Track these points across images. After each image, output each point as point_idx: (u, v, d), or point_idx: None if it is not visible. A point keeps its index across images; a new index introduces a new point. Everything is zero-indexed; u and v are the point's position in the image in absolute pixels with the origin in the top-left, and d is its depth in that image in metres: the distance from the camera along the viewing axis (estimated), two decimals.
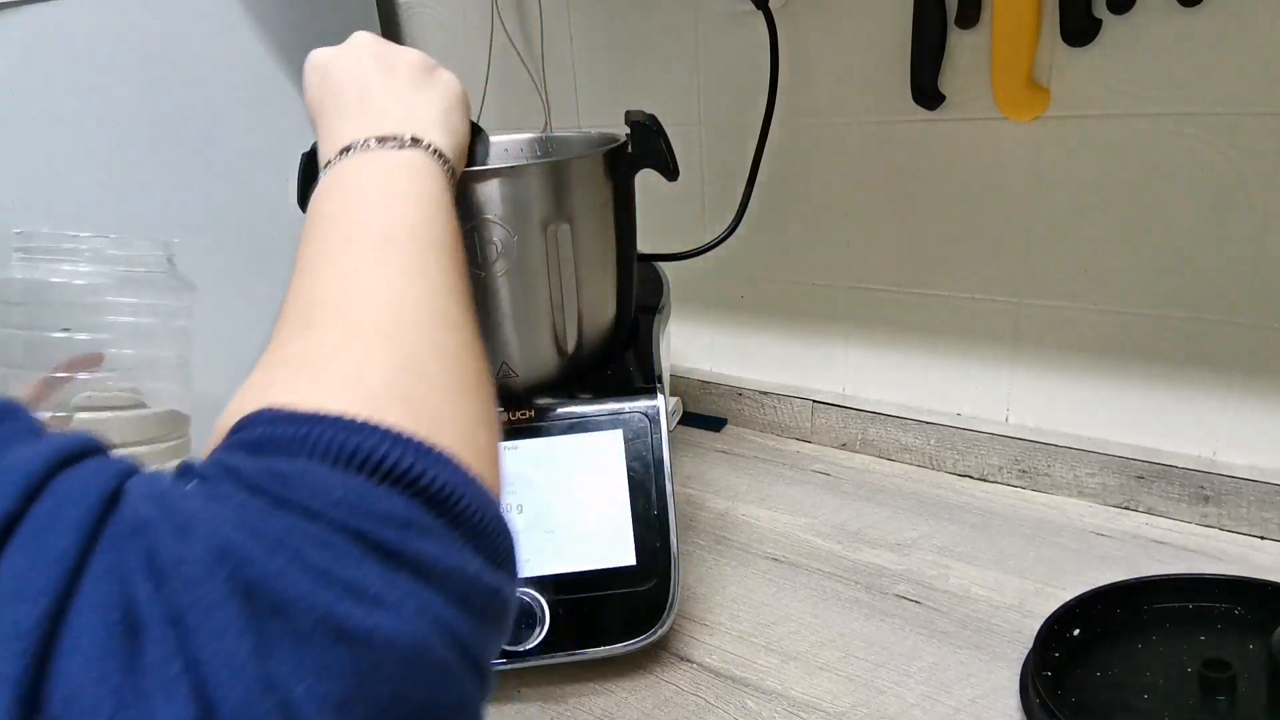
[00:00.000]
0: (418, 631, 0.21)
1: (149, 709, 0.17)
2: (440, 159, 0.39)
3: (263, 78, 0.92)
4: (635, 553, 0.60)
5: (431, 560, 0.22)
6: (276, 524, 0.20)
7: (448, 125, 0.42)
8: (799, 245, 0.88)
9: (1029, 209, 0.74)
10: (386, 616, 0.20)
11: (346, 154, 0.37)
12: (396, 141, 0.38)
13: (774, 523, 0.78)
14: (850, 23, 0.77)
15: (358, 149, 0.37)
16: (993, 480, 0.82)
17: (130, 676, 0.17)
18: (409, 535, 0.22)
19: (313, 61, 0.44)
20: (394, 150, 0.37)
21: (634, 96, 0.93)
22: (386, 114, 0.39)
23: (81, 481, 0.20)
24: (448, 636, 0.21)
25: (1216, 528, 0.71)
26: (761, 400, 0.94)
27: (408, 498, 0.23)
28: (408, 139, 0.38)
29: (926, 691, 0.57)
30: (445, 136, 0.41)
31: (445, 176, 0.39)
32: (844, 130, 0.81)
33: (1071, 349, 0.76)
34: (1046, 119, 0.70)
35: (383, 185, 0.35)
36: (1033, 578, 0.67)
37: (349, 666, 0.19)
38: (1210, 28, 0.62)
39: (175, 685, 0.17)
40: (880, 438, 0.87)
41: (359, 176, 0.36)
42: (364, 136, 0.37)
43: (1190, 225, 0.67)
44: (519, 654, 0.58)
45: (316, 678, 0.18)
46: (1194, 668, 0.54)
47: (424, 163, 0.37)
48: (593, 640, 0.59)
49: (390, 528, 0.21)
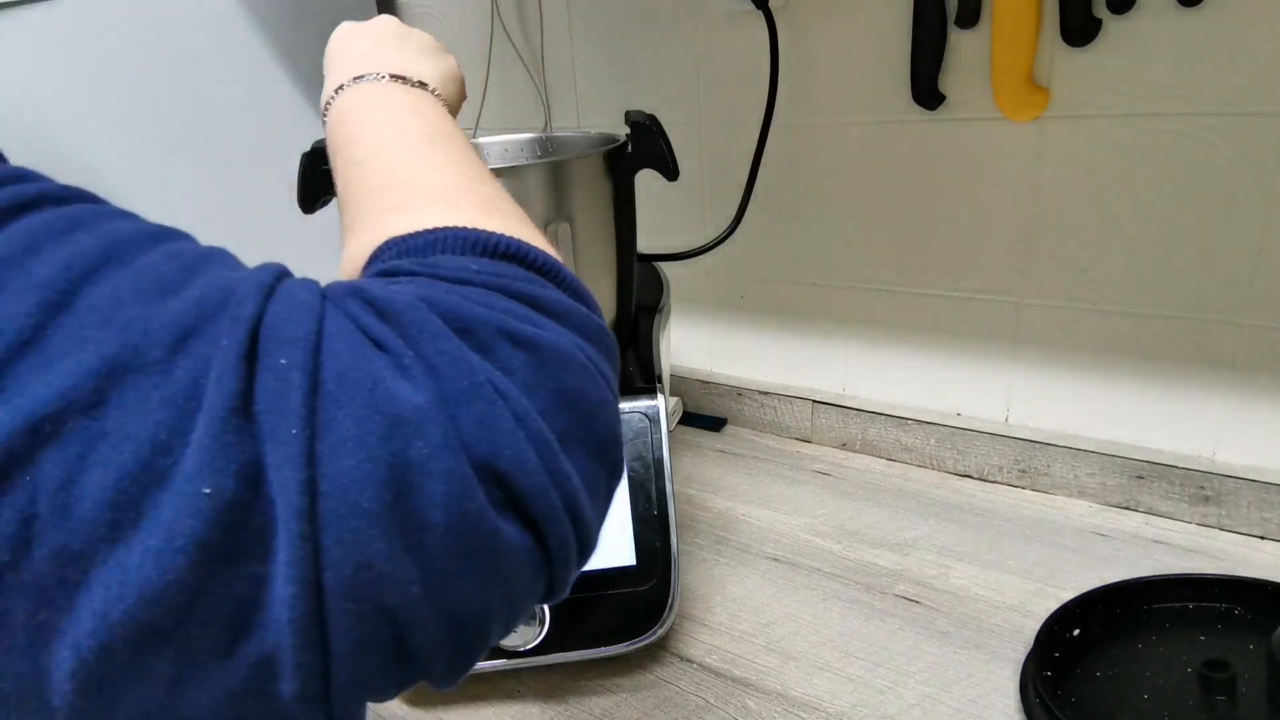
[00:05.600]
0: (563, 343, 0.27)
1: (400, 384, 0.23)
2: (446, 107, 0.41)
3: (263, 78, 0.92)
4: (635, 553, 0.60)
5: (554, 303, 0.28)
6: (443, 286, 0.26)
7: (447, 90, 0.45)
8: (799, 245, 0.88)
9: (1029, 209, 0.74)
10: (540, 332, 0.26)
11: (360, 81, 0.39)
12: (407, 82, 0.40)
13: (774, 523, 0.78)
14: (850, 23, 0.77)
15: (371, 79, 0.39)
16: (993, 480, 0.82)
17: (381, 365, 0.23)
18: (534, 288, 0.28)
19: (337, 30, 0.48)
20: (406, 86, 0.40)
21: (634, 96, 0.93)
22: (396, 66, 0.42)
23: (300, 281, 0.26)
24: (581, 352, 0.28)
25: (1216, 528, 0.71)
26: (761, 400, 0.94)
27: (524, 269, 0.29)
28: (416, 82, 0.40)
29: (926, 691, 0.57)
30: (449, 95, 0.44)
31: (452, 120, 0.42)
32: (844, 130, 0.81)
33: (1071, 349, 0.76)
34: (1046, 119, 0.70)
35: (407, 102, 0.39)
36: (1033, 578, 0.67)
37: (525, 363, 0.25)
38: (1210, 28, 0.62)
39: (415, 369, 0.23)
40: (880, 438, 0.87)
41: (384, 95, 0.39)
42: (378, 72, 0.40)
43: (1190, 225, 0.67)
44: (519, 654, 0.58)
45: (505, 371, 0.25)
46: (1194, 668, 0.54)
47: (434, 101, 0.40)
48: (593, 640, 0.59)
49: (519, 283, 0.28)
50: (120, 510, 0.20)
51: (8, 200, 0.22)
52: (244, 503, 0.21)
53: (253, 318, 0.23)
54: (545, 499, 0.25)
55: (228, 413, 0.21)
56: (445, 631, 0.24)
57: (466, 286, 0.27)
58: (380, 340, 0.24)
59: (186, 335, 0.21)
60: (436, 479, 0.22)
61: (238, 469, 0.21)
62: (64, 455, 0.20)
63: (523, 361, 0.25)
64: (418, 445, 0.22)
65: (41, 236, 0.22)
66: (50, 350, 0.20)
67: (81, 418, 0.20)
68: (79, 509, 0.20)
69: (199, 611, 0.21)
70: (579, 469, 0.26)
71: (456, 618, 0.24)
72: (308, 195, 0.61)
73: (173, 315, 0.22)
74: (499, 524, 0.24)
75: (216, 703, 0.22)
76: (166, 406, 0.21)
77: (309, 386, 0.22)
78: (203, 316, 0.22)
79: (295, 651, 0.21)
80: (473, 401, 0.24)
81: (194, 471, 0.20)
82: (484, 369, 0.24)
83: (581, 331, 0.28)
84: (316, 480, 0.21)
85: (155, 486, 0.20)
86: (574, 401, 0.26)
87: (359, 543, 0.21)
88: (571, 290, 0.30)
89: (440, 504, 0.22)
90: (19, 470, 0.19)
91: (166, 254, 0.24)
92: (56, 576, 0.20)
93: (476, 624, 0.25)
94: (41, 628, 0.20)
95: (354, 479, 0.21)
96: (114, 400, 0.20)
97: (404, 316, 0.24)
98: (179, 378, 0.21)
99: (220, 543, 0.20)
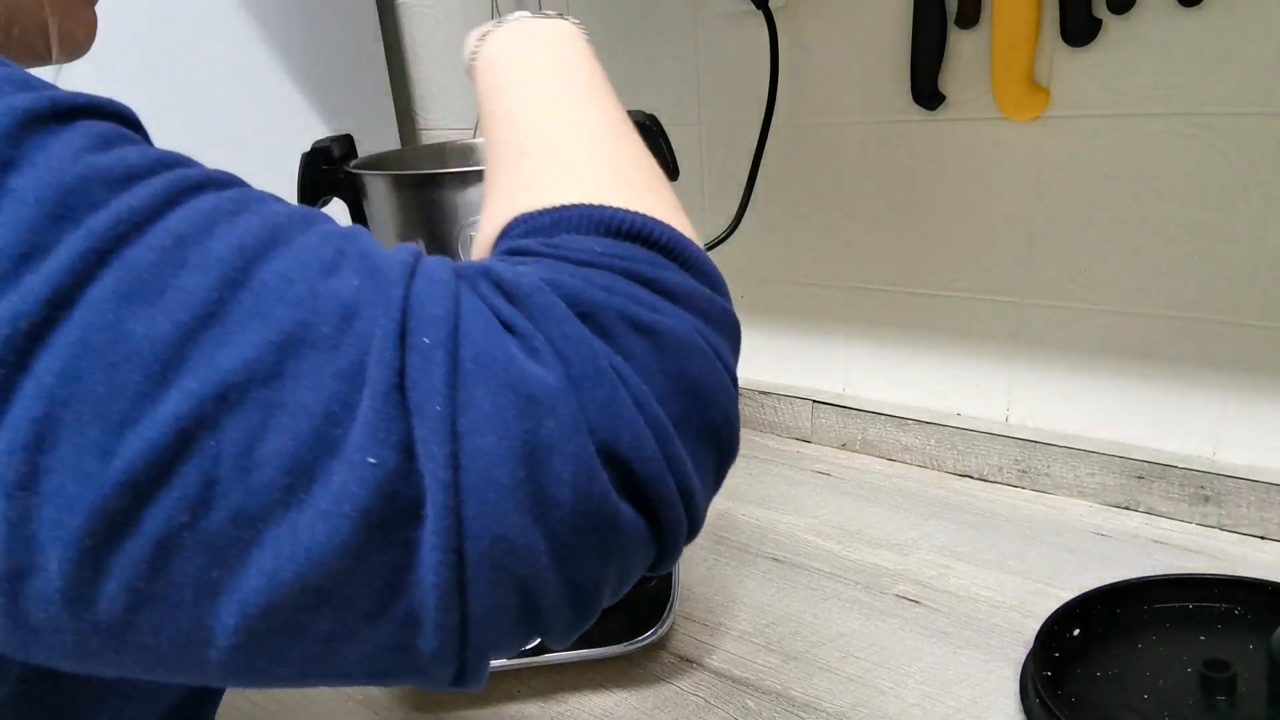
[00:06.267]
0: (682, 328, 0.27)
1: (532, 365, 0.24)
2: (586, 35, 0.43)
3: (263, 78, 0.92)
4: None
5: (676, 286, 0.28)
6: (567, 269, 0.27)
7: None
8: (799, 245, 0.88)
9: (1029, 209, 0.74)
10: (661, 317, 0.27)
11: (503, 24, 0.41)
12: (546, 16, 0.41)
13: (774, 523, 0.78)
14: (850, 23, 0.77)
15: (513, 19, 0.41)
16: (993, 480, 0.82)
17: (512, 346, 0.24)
18: (658, 270, 0.28)
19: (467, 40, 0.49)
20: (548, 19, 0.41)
21: (634, 96, 0.93)
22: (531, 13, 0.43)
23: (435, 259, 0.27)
24: (700, 336, 0.28)
25: (1216, 528, 0.71)
26: (761, 400, 0.94)
27: (646, 249, 0.29)
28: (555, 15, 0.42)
29: (926, 692, 0.57)
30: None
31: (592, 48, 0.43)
32: (844, 130, 0.81)
33: (1071, 349, 0.76)
34: (1046, 119, 0.70)
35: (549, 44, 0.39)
36: (1033, 578, 0.67)
37: (645, 348, 0.26)
38: (1210, 28, 0.62)
39: (544, 352, 0.24)
40: (880, 438, 0.87)
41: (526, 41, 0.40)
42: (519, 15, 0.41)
43: (1190, 225, 0.67)
44: (519, 654, 0.58)
45: (626, 356, 0.26)
46: (1194, 668, 0.54)
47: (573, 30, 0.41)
48: (593, 640, 0.59)
49: (642, 265, 0.28)
50: (295, 476, 0.21)
51: (180, 182, 0.24)
52: (401, 473, 0.22)
53: (402, 298, 0.24)
54: (661, 484, 0.26)
55: (388, 388, 0.22)
56: (567, 599, 0.25)
57: (590, 269, 0.27)
58: (509, 322, 0.25)
59: (350, 314, 0.23)
60: (565, 459, 0.24)
61: (397, 441, 0.22)
62: (246, 422, 0.21)
63: (643, 347, 0.26)
64: (549, 425, 0.23)
65: (215, 217, 0.23)
66: (231, 324, 0.22)
67: (262, 388, 0.21)
68: (258, 473, 0.21)
69: (357, 574, 0.22)
70: (692, 454, 0.27)
71: (576, 587, 0.25)
72: (308, 195, 0.61)
73: (336, 294, 0.23)
74: (619, 506, 0.25)
75: (364, 658, 0.24)
76: (338, 381, 0.22)
77: (450, 365, 0.23)
78: (361, 296, 0.23)
79: (438, 613, 0.23)
80: (597, 386, 0.24)
81: (360, 443, 0.22)
82: (606, 354, 0.25)
83: (703, 315, 0.29)
84: (459, 455, 0.22)
85: (327, 455, 0.22)
86: (691, 388, 0.27)
87: (496, 515, 0.23)
88: (695, 269, 0.30)
89: (568, 483, 0.24)
90: (206, 435, 0.21)
91: (320, 235, 0.25)
92: (232, 537, 0.21)
93: (593, 592, 0.26)
94: (211, 585, 0.21)
95: (492, 454, 0.23)
96: (291, 372, 0.22)
97: (531, 300, 0.25)
98: (346, 354, 0.22)
99: (380, 510, 0.22)
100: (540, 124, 0.35)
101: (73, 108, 0.24)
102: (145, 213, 0.22)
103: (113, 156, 0.23)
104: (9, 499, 0.20)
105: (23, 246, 0.21)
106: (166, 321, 0.21)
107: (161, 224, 0.22)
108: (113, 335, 0.21)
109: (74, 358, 0.20)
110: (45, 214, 0.21)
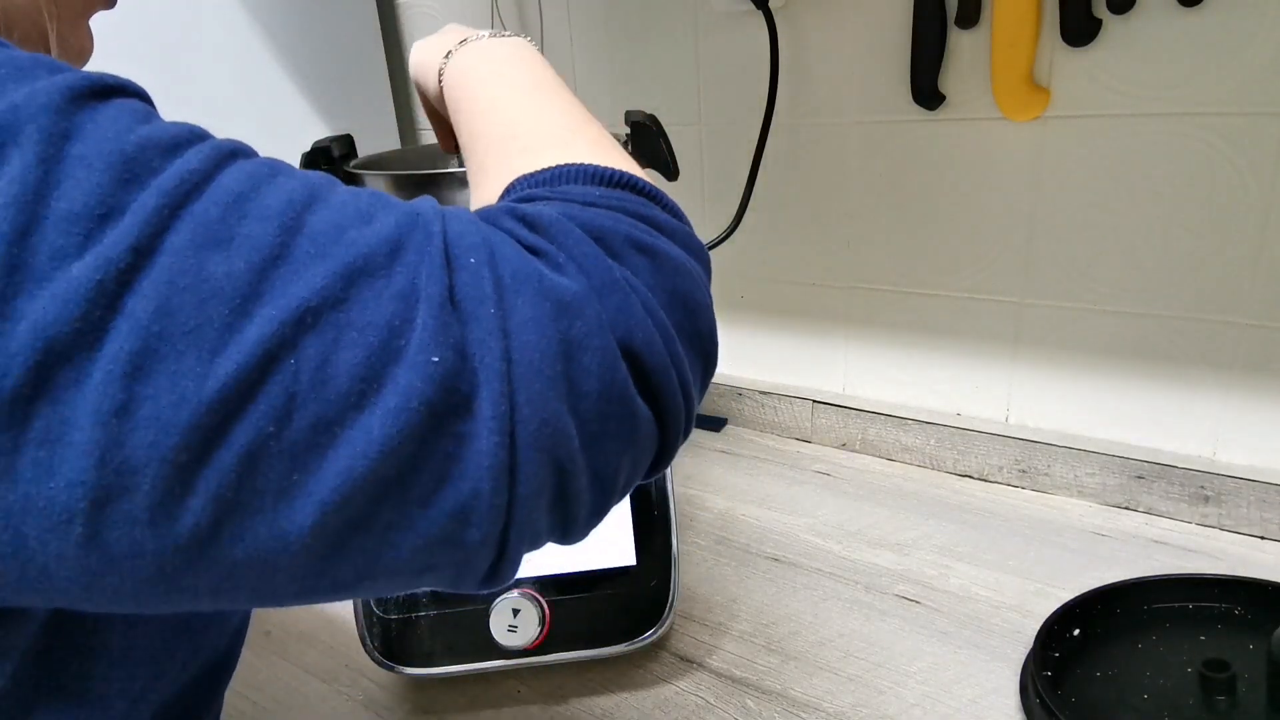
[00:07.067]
0: (675, 252, 0.32)
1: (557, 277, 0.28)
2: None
3: (263, 78, 0.92)
4: (635, 553, 0.60)
5: (664, 223, 0.33)
6: (576, 206, 0.31)
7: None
8: (799, 245, 0.88)
9: (1029, 209, 0.74)
10: (659, 241, 0.31)
11: (464, 44, 0.45)
12: (503, 35, 0.46)
13: (774, 523, 0.78)
14: (850, 23, 0.77)
15: (474, 40, 0.45)
16: (993, 480, 0.82)
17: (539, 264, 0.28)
18: (648, 209, 0.33)
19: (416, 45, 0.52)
20: (502, 38, 0.45)
21: (634, 96, 0.93)
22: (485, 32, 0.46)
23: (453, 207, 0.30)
24: (689, 263, 0.33)
25: (1216, 528, 0.71)
26: (761, 400, 0.94)
27: (634, 194, 0.34)
28: (508, 34, 0.46)
29: (926, 691, 0.57)
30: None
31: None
32: (844, 130, 0.81)
33: (1071, 349, 0.76)
34: (1046, 119, 0.70)
35: (509, 53, 0.44)
36: (1033, 578, 0.67)
37: (648, 266, 0.31)
38: (1210, 28, 0.62)
39: (568, 267, 0.28)
40: (880, 438, 0.87)
41: (490, 51, 0.44)
42: (478, 35, 0.45)
43: (1190, 225, 0.67)
44: (519, 654, 0.58)
45: (633, 271, 0.30)
46: (1194, 668, 0.54)
47: (529, 46, 0.45)
48: (593, 640, 0.59)
49: (636, 205, 0.33)
50: (366, 382, 0.25)
51: (220, 148, 0.27)
52: (458, 370, 0.25)
53: (441, 232, 0.28)
54: (667, 377, 0.30)
55: (442, 300, 0.26)
56: (591, 483, 0.29)
57: (594, 208, 0.31)
58: (534, 246, 0.29)
59: (397, 248, 0.27)
60: (593, 353, 0.28)
61: (454, 343, 0.26)
62: (321, 341, 0.24)
63: (646, 265, 0.31)
64: (578, 325, 0.27)
65: (257, 178, 0.27)
66: (295, 262, 0.25)
67: (333, 311, 0.25)
68: (334, 383, 0.24)
69: (420, 461, 0.25)
70: (687, 355, 0.31)
71: (599, 473, 0.29)
72: None
73: (382, 233, 0.27)
74: (635, 397, 0.29)
75: (415, 549, 0.26)
76: (396, 300, 0.26)
77: (494, 279, 0.27)
78: (405, 233, 0.27)
79: (491, 494, 0.26)
80: (614, 293, 0.29)
81: (421, 346, 0.25)
82: (618, 268, 0.29)
83: (685, 246, 0.33)
84: (510, 350, 0.26)
85: (392, 362, 0.25)
86: (684, 301, 0.31)
87: (542, 401, 0.26)
88: (674, 213, 0.35)
89: (595, 374, 0.28)
90: (286, 354, 0.24)
91: (348, 192, 0.29)
92: (311, 441, 0.24)
93: (612, 479, 0.30)
94: (291, 488, 0.24)
95: (536, 349, 0.26)
96: (355, 298, 0.25)
97: (552, 228, 0.29)
98: (400, 279, 0.26)
99: (442, 402, 0.25)
100: (520, 112, 0.39)
101: (105, 86, 0.26)
102: (201, 174, 0.25)
103: (157, 128, 0.26)
104: (103, 427, 0.22)
105: (101, 207, 0.23)
106: (241, 262, 0.24)
107: (216, 183, 0.25)
108: (196, 276, 0.24)
109: (165, 297, 0.23)
110: (115, 178, 0.24)
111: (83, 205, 0.23)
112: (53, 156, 0.23)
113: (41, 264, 0.22)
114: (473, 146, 0.40)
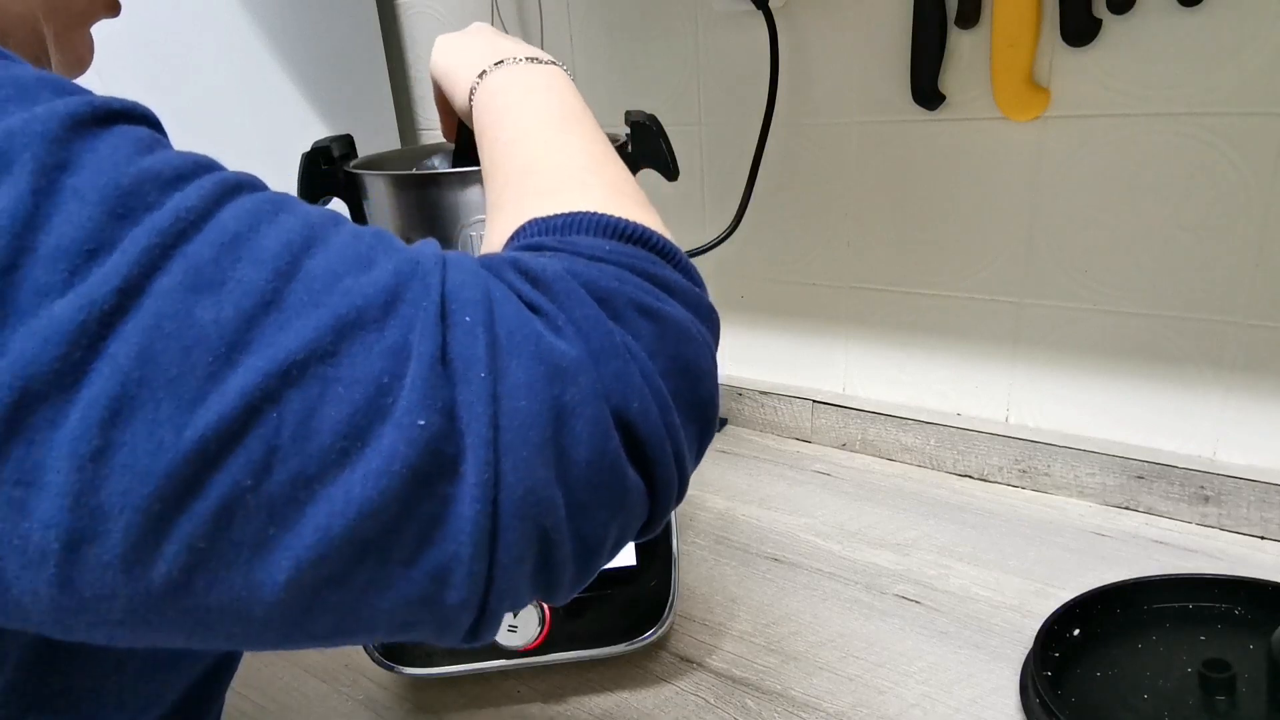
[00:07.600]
0: (680, 317, 0.31)
1: (555, 340, 0.27)
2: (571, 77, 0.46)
3: (263, 78, 0.92)
4: (635, 553, 0.60)
5: (673, 283, 0.32)
6: (583, 262, 0.30)
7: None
8: (799, 245, 0.88)
9: (1029, 209, 0.74)
10: (665, 306, 0.31)
11: (501, 65, 0.45)
12: (539, 61, 0.46)
13: (774, 523, 0.78)
14: (850, 23, 0.77)
15: (510, 62, 0.45)
16: (993, 480, 0.82)
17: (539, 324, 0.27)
18: (656, 268, 0.32)
19: (440, 40, 0.53)
20: (539, 65, 0.45)
21: (634, 96, 0.93)
22: (521, 49, 0.47)
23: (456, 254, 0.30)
24: (694, 326, 0.32)
25: (1216, 528, 0.71)
26: (761, 400, 0.94)
27: (646, 250, 0.33)
28: (545, 60, 0.46)
29: (926, 691, 0.57)
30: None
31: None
32: (844, 130, 0.81)
33: (1071, 349, 0.76)
34: (1046, 119, 0.70)
35: (544, 81, 0.44)
36: (1033, 578, 0.67)
37: (650, 331, 0.30)
38: (1210, 28, 0.62)
39: (567, 329, 0.28)
40: (880, 438, 0.87)
41: (525, 78, 0.44)
42: (514, 56, 0.45)
43: (1190, 225, 0.67)
44: (519, 654, 0.58)
45: (634, 336, 0.29)
46: (1194, 668, 0.54)
47: (563, 75, 0.45)
48: (593, 640, 0.59)
49: (645, 263, 0.32)
50: (350, 440, 0.24)
51: (222, 183, 0.26)
52: (445, 433, 0.25)
53: (440, 284, 0.27)
54: (660, 448, 0.29)
55: (433, 359, 0.25)
56: (576, 551, 0.28)
57: (601, 264, 0.31)
58: (534, 304, 0.28)
59: (393, 300, 0.26)
60: (585, 421, 0.27)
61: (442, 406, 0.25)
62: (306, 395, 0.24)
63: (649, 330, 0.30)
64: (572, 391, 0.27)
65: (258, 216, 0.26)
66: (288, 310, 0.24)
67: (320, 365, 0.24)
68: (316, 439, 0.24)
69: (401, 523, 0.24)
70: (683, 425, 0.31)
71: (585, 540, 0.28)
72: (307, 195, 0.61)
73: (379, 283, 0.26)
74: (626, 466, 0.28)
75: (394, 608, 0.26)
76: (386, 357, 0.25)
77: (489, 340, 0.26)
78: (402, 285, 0.26)
79: (471, 561, 0.25)
80: (612, 359, 0.28)
81: (409, 407, 0.24)
82: (619, 333, 0.29)
83: (694, 309, 0.32)
84: (499, 416, 0.25)
85: (378, 421, 0.24)
86: (685, 367, 0.31)
87: (528, 469, 0.26)
88: (685, 271, 0.34)
89: (585, 442, 0.27)
90: (269, 406, 0.23)
91: (351, 233, 0.28)
92: (290, 496, 0.23)
93: (598, 547, 0.29)
94: (267, 542, 0.23)
95: (526, 416, 0.26)
96: (345, 350, 0.24)
97: (554, 285, 0.29)
98: (393, 333, 0.25)
99: (425, 466, 0.24)
100: (544, 148, 0.39)
101: (110, 112, 0.25)
102: (199, 211, 0.25)
103: (158, 159, 0.25)
104: (79, 471, 0.22)
105: (90, 242, 0.23)
106: (230, 308, 0.24)
107: (214, 221, 0.25)
108: (183, 321, 0.23)
109: (148, 341, 0.22)
110: (108, 212, 0.23)
111: (71, 240, 0.22)
112: (45, 188, 0.23)
113: (25, 299, 0.22)
114: (492, 175, 0.40)
